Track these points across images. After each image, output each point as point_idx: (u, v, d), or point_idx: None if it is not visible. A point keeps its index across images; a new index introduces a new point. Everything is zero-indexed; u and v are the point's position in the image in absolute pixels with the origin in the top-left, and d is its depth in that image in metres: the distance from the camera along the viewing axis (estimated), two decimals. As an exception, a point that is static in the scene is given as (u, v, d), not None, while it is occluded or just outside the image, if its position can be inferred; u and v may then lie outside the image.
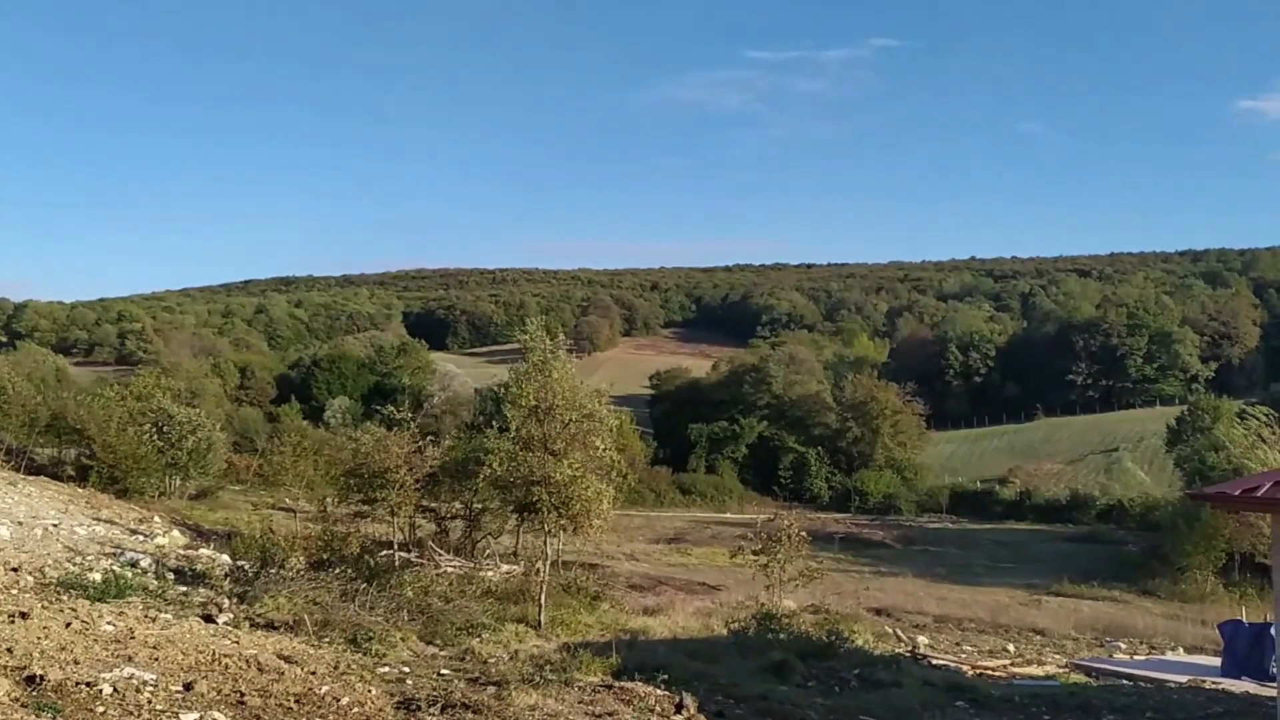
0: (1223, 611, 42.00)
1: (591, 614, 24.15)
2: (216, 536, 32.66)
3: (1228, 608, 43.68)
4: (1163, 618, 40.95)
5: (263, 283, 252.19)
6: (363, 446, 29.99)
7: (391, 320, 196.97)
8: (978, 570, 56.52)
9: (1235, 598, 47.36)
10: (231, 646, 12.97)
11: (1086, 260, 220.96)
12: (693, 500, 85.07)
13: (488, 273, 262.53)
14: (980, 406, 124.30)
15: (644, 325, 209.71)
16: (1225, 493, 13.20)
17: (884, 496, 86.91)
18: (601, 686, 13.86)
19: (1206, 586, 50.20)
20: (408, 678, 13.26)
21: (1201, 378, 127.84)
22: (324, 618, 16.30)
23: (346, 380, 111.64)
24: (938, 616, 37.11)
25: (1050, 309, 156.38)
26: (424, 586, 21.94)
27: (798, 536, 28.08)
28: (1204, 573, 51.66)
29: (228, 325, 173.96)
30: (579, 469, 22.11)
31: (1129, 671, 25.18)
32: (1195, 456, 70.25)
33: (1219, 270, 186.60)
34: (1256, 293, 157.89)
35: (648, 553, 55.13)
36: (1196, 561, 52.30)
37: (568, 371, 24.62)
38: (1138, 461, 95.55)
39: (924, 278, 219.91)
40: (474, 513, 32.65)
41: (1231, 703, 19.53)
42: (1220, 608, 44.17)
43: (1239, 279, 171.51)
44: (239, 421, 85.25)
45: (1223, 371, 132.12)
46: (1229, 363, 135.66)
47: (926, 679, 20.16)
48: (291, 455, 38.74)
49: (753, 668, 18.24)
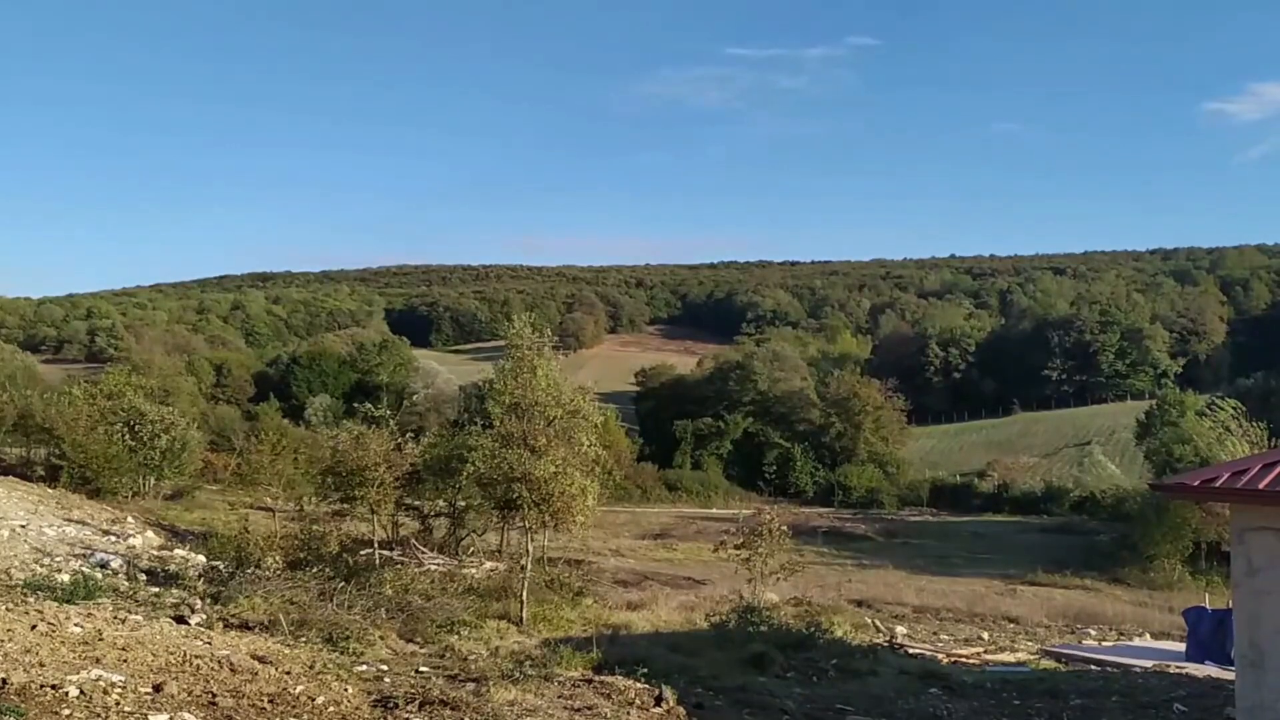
0: (1189, 599, 42.95)
1: (574, 610, 24.13)
2: (192, 537, 32.43)
3: (1194, 595, 44.66)
4: (1131, 605, 41.84)
5: (239, 278, 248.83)
6: (340, 444, 29.80)
7: (373, 317, 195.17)
8: (956, 561, 57.36)
9: (1202, 585, 48.45)
10: (203, 647, 12.87)
11: (1062, 258, 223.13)
12: (678, 496, 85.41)
13: (471, 269, 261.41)
14: (960, 402, 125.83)
15: (629, 322, 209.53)
16: (1185, 484, 13.46)
17: (866, 490, 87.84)
18: (581, 681, 13.87)
19: (1174, 574, 51.47)
20: (385, 676, 13.22)
21: (1170, 373, 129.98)
22: (300, 617, 16.23)
23: (327, 378, 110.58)
24: (916, 607, 37.53)
25: (1027, 306, 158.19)
26: (404, 584, 21.86)
27: (779, 531, 28.17)
28: (1171, 561, 53.03)
29: (202, 322, 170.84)
30: (560, 465, 22.11)
31: (1097, 657, 25.64)
32: (1163, 449, 71.63)
33: (1188, 268, 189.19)
34: (1224, 290, 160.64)
35: (633, 548, 55.28)
36: (1164, 550, 53.70)
37: (551, 368, 24.65)
38: (1109, 455, 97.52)
39: (905, 275, 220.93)
40: (458, 510, 32.55)
41: (1195, 686, 19.93)
42: (1187, 595, 45.25)
43: (1207, 277, 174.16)
44: (215, 420, 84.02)
45: (1191, 367, 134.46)
46: (1197, 359, 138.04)
47: (902, 668, 20.35)
48: (270, 454, 38.42)
49: (733, 660, 18.30)
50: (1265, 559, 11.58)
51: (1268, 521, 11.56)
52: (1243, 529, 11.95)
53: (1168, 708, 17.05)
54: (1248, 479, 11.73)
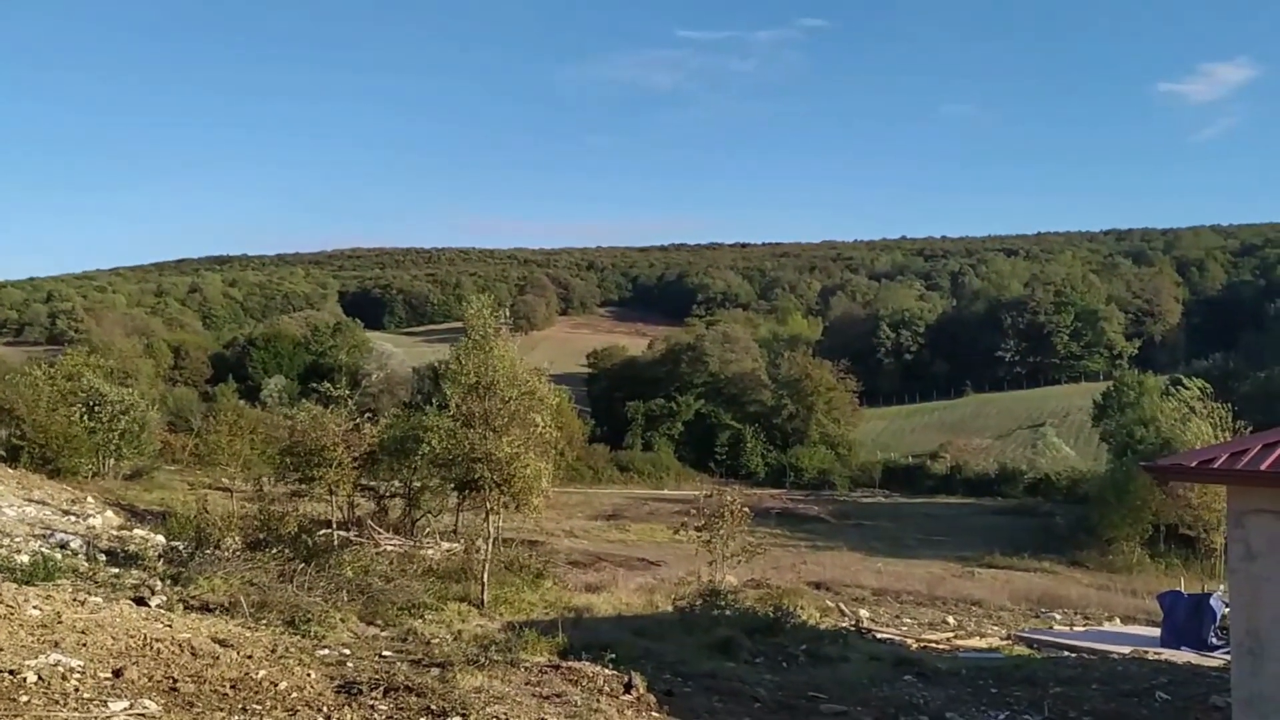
0: (1150, 582, 43.15)
1: (535, 592, 23.84)
2: (151, 517, 31.91)
3: (1154, 578, 44.93)
4: (1093, 588, 41.73)
5: (196, 262, 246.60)
6: (299, 424, 29.24)
7: (327, 300, 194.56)
8: (910, 543, 57.46)
9: (1161, 568, 48.81)
10: (164, 630, 12.43)
11: (1014, 240, 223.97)
12: (630, 477, 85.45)
13: (424, 252, 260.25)
14: (911, 383, 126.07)
15: (580, 304, 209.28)
16: (1182, 464, 12.81)
17: (818, 472, 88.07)
18: (548, 667, 13.54)
19: (1134, 557, 51.40)
20: (348, 660, 12.82)
21: (1125, 354, 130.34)
22: (261, 599, 15.79)
23: (282, 359, 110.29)
24: (876, 589, 37.44)
25: (979, 288, 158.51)
26: (364, 566, 21.42)
27: (740, 513, 28.02)
28: (1131, 544, 52.92)
29: (161, 305, 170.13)
30: (520, 446, 21.78)
31: (1070, 643, 25.46)
32: (1123, 431, 71.68)
33: (1143, 249, 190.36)
34: (1179, 271, 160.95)
35: (587, 529, 55.17)
36: (1124, 533, 53.60)
37: (508, 348, 24.28)
38: (1064, 436, 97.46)
39: (856, 257, 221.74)
40: (413, 491, 32.13)
41: (1175, 673, 19.67)
42: (1147, 578, 45.43)
43: (1162, 258, 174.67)
44: (174, 401, 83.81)
45: (1146, 348, 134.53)
46: (1152, 339, 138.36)
47: (873, 653, 20.21)
48: (227, 434, 38.05)
49: (700, 645, 18.11)
50: (1265, 543, 11.08)
51: (1268, 504, 11.06)
52: (1241, 512, 11.38)
53: (1150, 695, 16.76)
54: (1248, 459, 11.20)
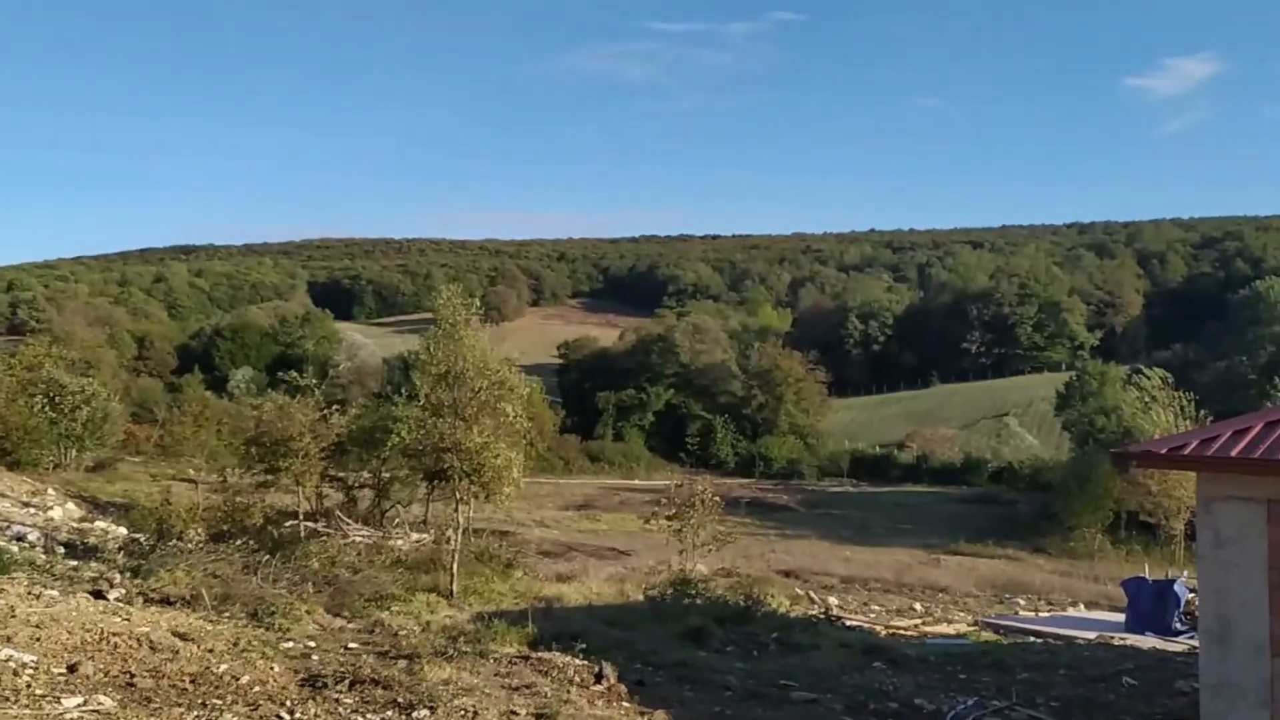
0: (1111, 568, 43.96)
1: (505, 582, 23.66)
2: (113, 508, 31.49)
3: (1115, 564, 45.79)
4: (1056, 575, 42.29)
5: (161, 251, 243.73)
6: (264, 414, 28.86)
7: (296, 290, 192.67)
8: (878, 531, 58.03)
9: (1122, 554, 49.77)
10: (122, 624, 12.12)
11: (979, 232, 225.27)
12: (601, 467, 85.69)
13: (394, 243, 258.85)
14: (879, 374, 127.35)
15: (552, 295, 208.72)
16: (1152, 451, 12.77)
17: (787, 462, 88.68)
18: (518, 658, 13.37)
19: (1095, 544, 52.36)
20: (313, 653, 12.58)
21: (1087, 345, 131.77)
22: (224, 591, 15.47)
23: (250, 350, 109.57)
24: (844, 577, 37.70)
25: (945, 280, 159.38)
26: (331, 557, 21.13)
27: (711, 502, 27.96)
28: (1092, 531, 53.93)
29: (125, 294, 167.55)
30: (490, 436, 21.59)
31: (1037, 629, 25.69)
32: (1085, 420, 72.64)
33: (1105, 242, 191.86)
34: (1140, 263, 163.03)
35: (557, 519, 55.13)
36: (1086, 520, 54.65)
37: (479, 338, 24.07)
38: (1027, 425, 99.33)
39: (825, 249, 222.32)
40: (382, 481, 31.84)
41: (1141, 659, 19.75)
42: (1109, 564, 46.22)
43: (1124, 250, 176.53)
44: (137, 392, 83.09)
45: (1108, 339, 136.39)
46: (1114, 330, 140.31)
47: (842, 641, 20.17)
48: (192, 425, 37.60)
49: (671, 634, 17.99)
50: (1234, 530, 11.12)
51: (1238, 491, 11.11)
52: (1210, 499, 11.42)
53: (1117, 680, 16.77)
54: (1218, 446, 11.25)
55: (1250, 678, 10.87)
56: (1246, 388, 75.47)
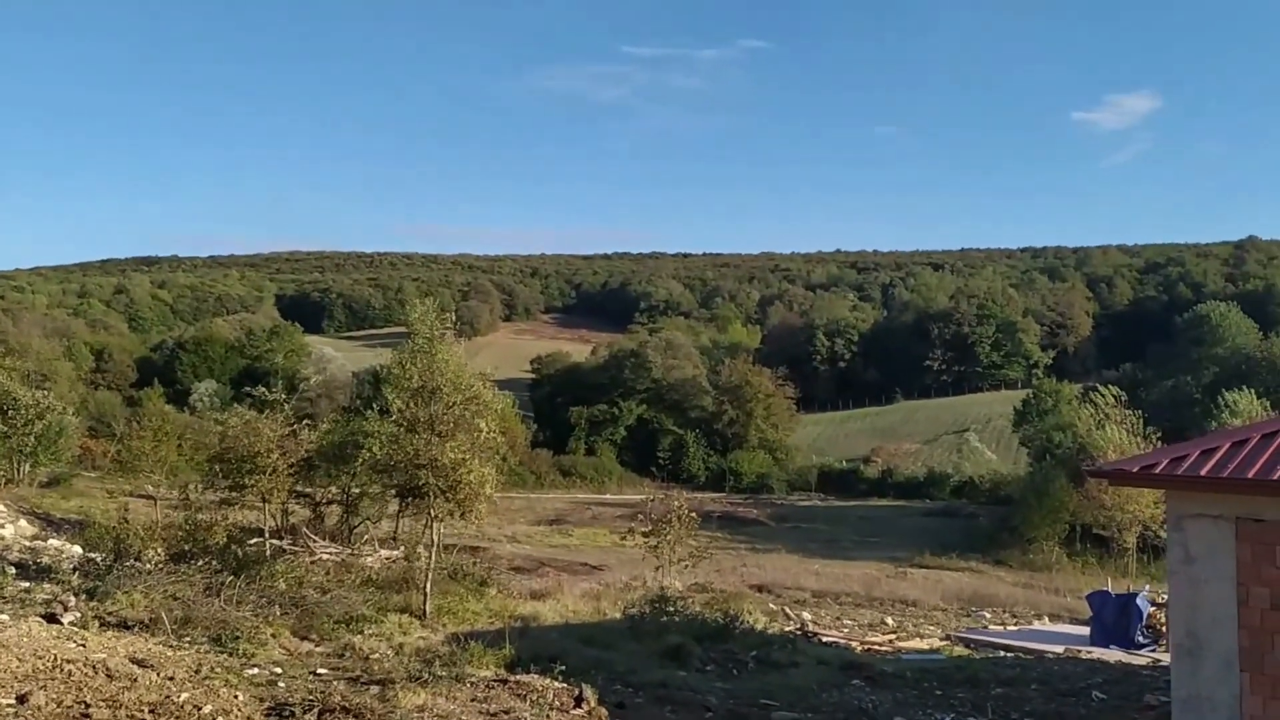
0: (1068, 580, 45.36)
1: (479, 601, 23.08)
2: (68, 526, 30.61)
3: (1072, 576, 47.28)
4: (1018, 587, 42.94)
5: (123, 262, 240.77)
6: (230, 429, 28.16)
7: (263, 303, 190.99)
8: (846, 545, 58.70)
9: (1078, 567, 51.11)
10: (77, 650, 11.59)
11: (940, 255, 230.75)
12: (573, 482, 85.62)
13: (365, 256, 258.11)
14: (845, 390, 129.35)
15: (524, 310, 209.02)
16: (1124, 469, 13.17)
17: (757, 476, 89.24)
18: (496, 681, 12.95)
19: (1052, 556, 53.37)
20: (280, 679, 12.09)
21: (1041, 364, 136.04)
22: (185, 615, 14.88)
23: (214, 363, 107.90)
24: (816, 591, 37.71)
25: (908, 299, 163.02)
26: (298, 577, 20.41)
27: (688, 517, 27.63)
28: (1050, 544, 55.12)
29: (84, 306, 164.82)
30: (465, 452, 21.14)
31: (1005, 642, 25.84)
32: (1042, 436, 74.21)
33: (1057, 266, 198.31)
34: (1089, 286, 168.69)
35: (529, 534, 54.75)
36: (1043, 533, 56.11)
37: (454, 352, 23.64)
38: (986, 441, 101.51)
39: (793, 268, 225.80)
40: (351, 498, 31.20)
41: (1108, 672, 20.08)
42: (1066, 576, 47.57)
43: (1074, 274, 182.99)
44: (95, 405, 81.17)
45: (1060, 358, 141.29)
46: (1065, 350, 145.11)
47: (820, 657, 19.99)
48: (152, 440, 36.67)
49: (650, 653, 17.66)
50: (1203, 547, 11.37)
51: (1207, 508, 11.35)
52: (1180, 516, 11.67)
53: (1087, 695, 17.10)
54: (1188, 465, 11.50)
55: (1221, 692, 11.09)
56: (1192, 405, 77.55)
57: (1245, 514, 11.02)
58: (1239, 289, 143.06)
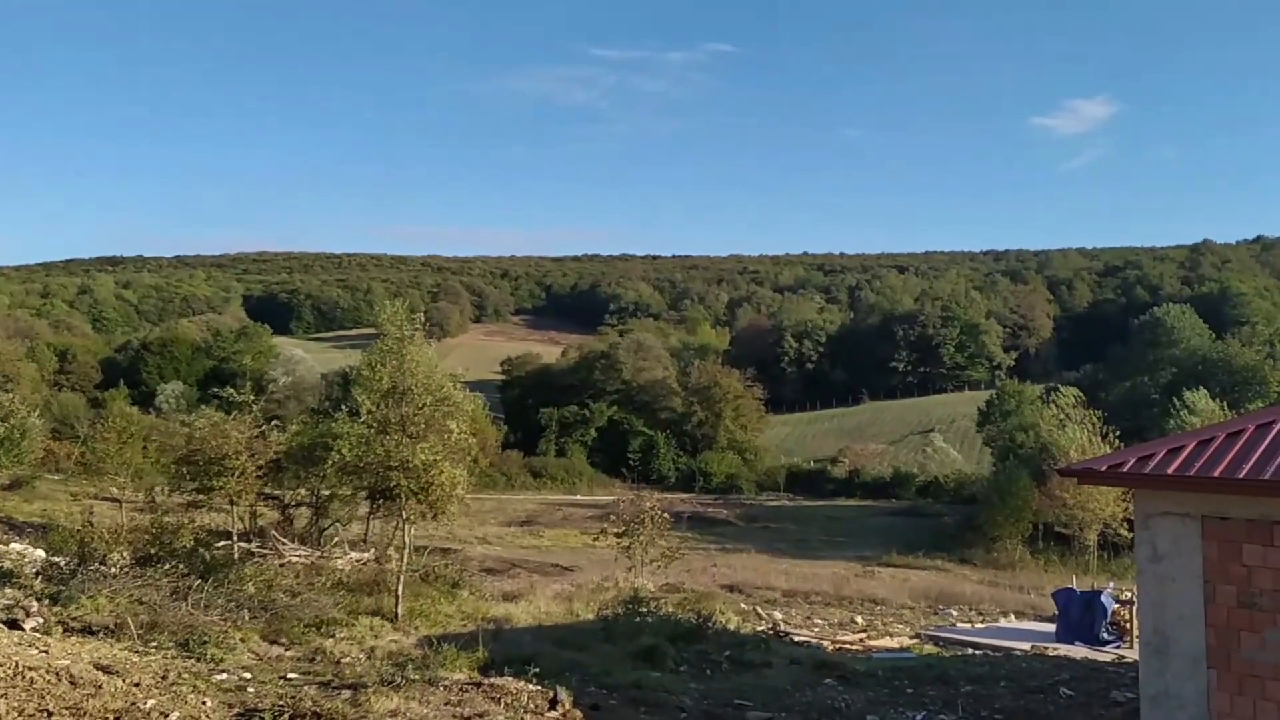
0: (1031, 577, 45.93)
1: (451, 603, 22.93)
2: (31, 530, 30.11)
3: (1035, 574, 47.94)
4: (984, 585, 43.22)
5: (86, 262, 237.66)
6: (197, 431, 27.80)
7: (230, 304, 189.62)
8: (815, 544, 58.83)
9: (1040, 564, 51.50)
10: (39, 657, 11.37)
11: (905, 257, 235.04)
12: (544, 483, 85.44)
13: (334, 257, 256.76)
14: (812, 391, 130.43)
15: (494, 312, 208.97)
16: (1092, 469, 13.24)
17: (726, 476, 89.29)
18: (469, 684, 12.83)
19: (1016, 554, 53.85)
20: (249, 685, 11.93)
21: (1004, 365, 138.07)
22: (151, 619, 14.68)
23: (180, 364, 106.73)
24: (786, 591, 37.77)
25: (874, 302, 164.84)
26: (267, 580, 20.20)
27: (660, 518, 27.61)
28: (1013, 542, 55.61)
29: (46, 306, 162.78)
30: (436, 453, 21.03)
31: (974, 640, 26.02)
32: (1005, 436, 75.01)
33: (1018, 268, 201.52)
34: (1050, 289, 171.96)
35: (500, 535, 54.55)
36: (1007, 531, 56.57)
37: (425, 353, 23.53)
38: (950, 441, 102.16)
39: (761, 270, 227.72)
40: (321, 500, 30.91)
41: (1075, 669, 20.24)
42: (1029, 574, 47.96)
43: (1035, 277, 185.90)
44: (58, 407, 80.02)
45: (1022, 359, 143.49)
46: (1027, 352, 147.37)
47: (793, 657, 20.02)
48: (116, 442, 36.17)
49: (623, 654, 17.60)
50: (1170, 545, 11.43)
51: (1174, 507, 11.42)
52: (1148, 514, 11.72)
53: (1055, 691, 17.21)
54: (1154, 464, 11.56)
55: (1188, 689, 11.16)
56: (1150, 406, 78.39)
57: (1211, 512, 11.07)
58: (1194, 291, 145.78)
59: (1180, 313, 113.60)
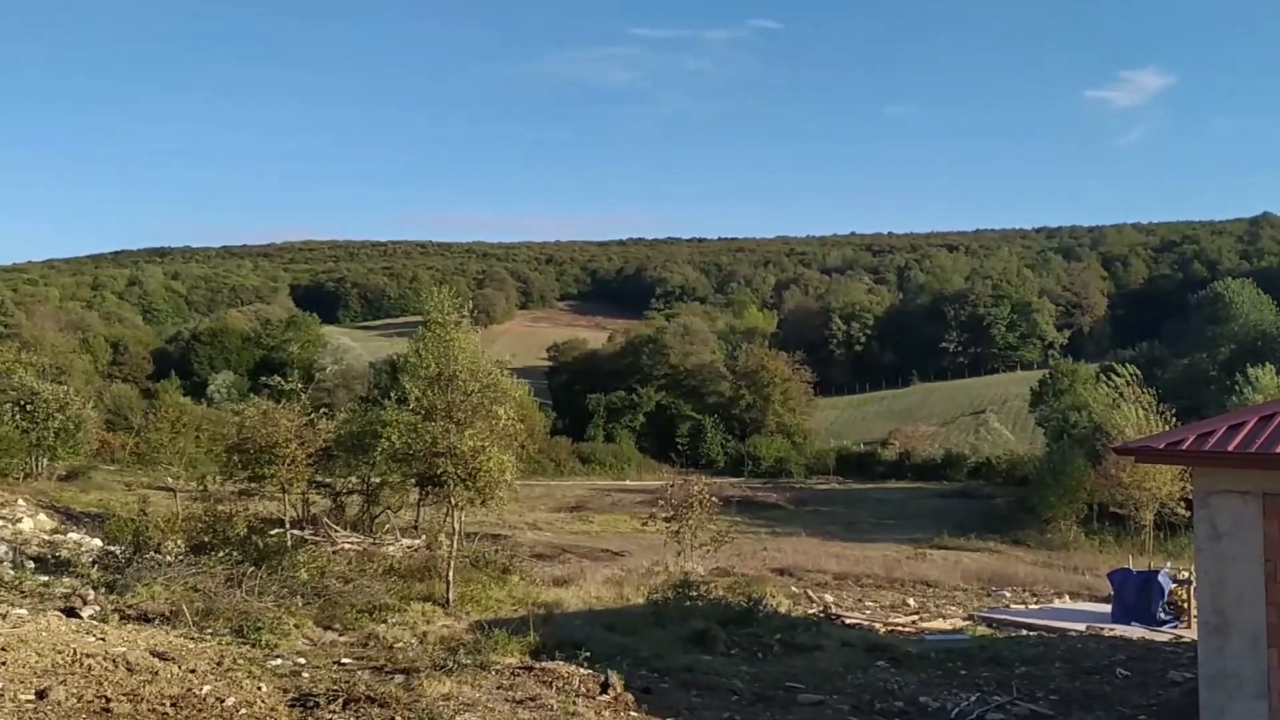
0: (1086, 558, 45.23)
1: (502, 588, 23.06)
2: (88, 519, 30.67)
3: (1090, 554, 47.20)
4: (1037, 566, 42.65)
5: (135, 254, 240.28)
6: (248, 420, 28.15)
7: (278, 293, 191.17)
8: (865, 527, 58.59)
9: (1095, 545, 50.78)
10: (97, 644, 11.55)
11: (955, 236, 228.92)
12: (592, 469, 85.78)
13: (379, 245, 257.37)
14: (861, 373, 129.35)
15: (540, 298, 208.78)
16: (1150, 446, 13.12)
17: (775, 460, 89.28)
18: (521, 668, 12.89)
19: (1070, 535, 53.42)
20: (303, 670, 12.05)
21: (1056, 344, 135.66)
22: (206, 606, 14.87)
23: (230, 354, 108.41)
24: (837, 574, 37.51)
25: (924, 282, 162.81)
26: (320, 567, 20.42)
27: (709, 502, 27.54)
28: (1067, 523, 55.11)
29: (97, 299, 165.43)
30: (483, 439, 21.11)
31: (1027, 621, 25.69)
32: (1058, 416, 73.99)
33: (1072, 245, 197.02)
34: (1104, 266, 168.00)
35: (550, 521, 54.79)
36: (1061, 512, 55.97)
37: (470, 340, 23.62)
38: (1003, 422, 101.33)
39: (808, 252, 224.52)
40: (371, 487, 31.22)
41: (1131, 649, 20.03)
42: (1084, 555, 47.27)
43: (1089, 253, 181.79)
44: (111, 398, 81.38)
45: (1075, 338, 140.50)
46: (1080, 330, 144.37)
47: (844, 640, 19.86)
48: (169, 432, 36.77)
49: (674, 638, 17.59)
50: (1230, 523, 11.27)
51: (1233, 485, 11.24)
52: (1207, 493, 11.54)
53: (1111, 672, 17.04)
54: (1214, 441, 11.37)
55: (1248, 668, 11.08)
56: (1208, 384, 76.90)
57: (1273, 490, 10.92)
58: (1254, 265, 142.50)
59: (1240, 287, 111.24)
